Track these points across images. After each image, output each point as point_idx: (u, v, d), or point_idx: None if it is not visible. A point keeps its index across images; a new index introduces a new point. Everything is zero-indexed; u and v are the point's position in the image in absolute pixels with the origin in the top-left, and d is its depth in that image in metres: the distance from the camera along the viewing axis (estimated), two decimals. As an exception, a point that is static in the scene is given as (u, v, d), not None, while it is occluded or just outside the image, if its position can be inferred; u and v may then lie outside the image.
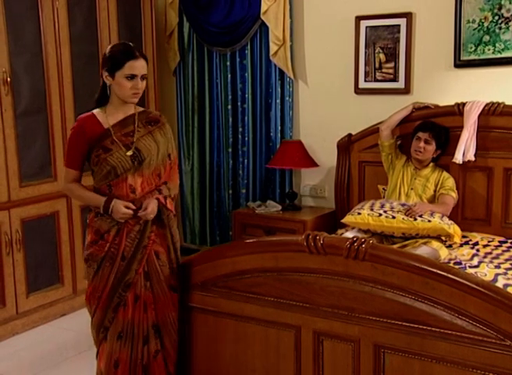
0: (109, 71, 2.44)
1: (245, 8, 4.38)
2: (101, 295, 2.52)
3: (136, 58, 2.42)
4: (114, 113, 2.51)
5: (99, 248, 2.50)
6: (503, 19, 3.60)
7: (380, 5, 4.00)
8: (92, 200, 2.52)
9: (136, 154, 2.48)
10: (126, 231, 2.49)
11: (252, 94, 4.53)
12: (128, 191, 2.49)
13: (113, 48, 2.49)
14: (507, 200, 3.60)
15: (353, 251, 2.20)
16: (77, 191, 2.56)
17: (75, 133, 2.50)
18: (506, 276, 2.88)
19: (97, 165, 2.47)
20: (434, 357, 2.09)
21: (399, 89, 4.00)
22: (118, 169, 2.46)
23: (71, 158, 2.53)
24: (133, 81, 2.42)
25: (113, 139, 2.47)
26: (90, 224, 2.55)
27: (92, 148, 2.47)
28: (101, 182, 2.50)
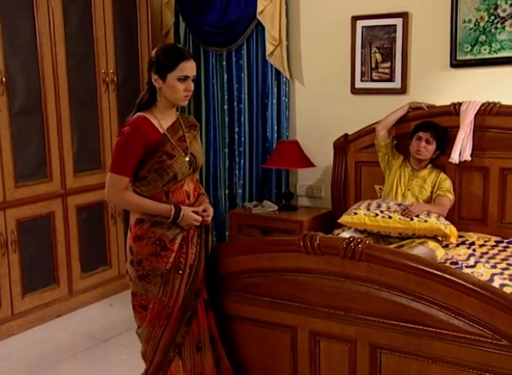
0: (160, 73, 2.33)
1: (241, 7, 4.38)
2: (171, 312, 2.36)
3: (187, 59, 2.34)
4: (163, 118, 2.39)
5: (163, 260, 2.34)
6: (499, 19, 3.60)
7: (376, 5, 4.00)
8: (157, 209, 2.34)
9: (192, 159, 2.40)
10: (190, 238, 2.39)
11: (248, 94, 4.53)
12: (185, 197, 2.41)
13: (162, 50, 2.39)
14: (503, 200, 3.60)
15: (350, 251, 2.20)
16: (136, 200, 2.35)
17: (132, 136, 2.31)
18: (502, 276, 2.88)
19: (157, 171, 2.33)
20: (430, 357, 2.09)
21: (395, 89, 4.00)
22: (179, 175, 2.36)
23: (125, 164, 2.32)
24: (186, 83, 2.33)
25: (173, 144, 2.36)
26: (145, 235, 2.35)
27: (151, 153, 2.32)
28: (158, 189, 2.35)
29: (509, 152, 3.53)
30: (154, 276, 2.34)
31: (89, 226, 4.15)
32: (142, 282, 2.36)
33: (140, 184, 2.36)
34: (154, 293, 2.35)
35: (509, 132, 3.52)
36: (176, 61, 2.31)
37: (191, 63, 2.35)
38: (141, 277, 2.36)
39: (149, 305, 2.37)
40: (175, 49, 2.42)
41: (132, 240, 2.39)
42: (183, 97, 2.35)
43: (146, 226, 2.35)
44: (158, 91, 2.36)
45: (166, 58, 2.33)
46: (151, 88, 2.38)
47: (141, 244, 2.36)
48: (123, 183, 2.34)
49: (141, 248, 2.35)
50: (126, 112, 4.31)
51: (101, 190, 4.11)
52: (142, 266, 2.35)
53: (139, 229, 2.37)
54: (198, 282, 2.40)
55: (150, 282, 2.35)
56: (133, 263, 2.38)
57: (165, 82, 2.32)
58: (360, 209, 3.48)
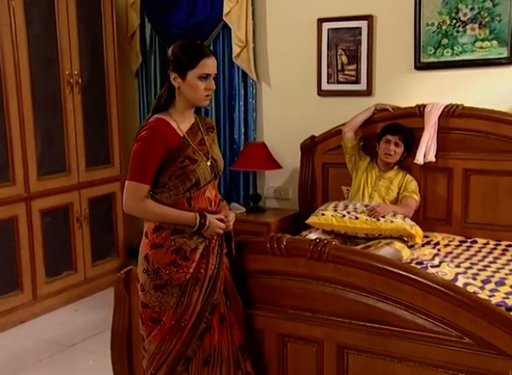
0: (179, 72, 2.17)
1: (207, 9, 4.37)
2: (186, 325, 2.21)
3: (208, 55, 2.19)
4: (181, 120, 2.24)
5: (183, 271, 2.18)
6: (461, 22, 3.66)
7: (341, 7, 4.03)
8: (181, 218, 2.18)
9: (214, 164, 2.27)
10: (212, 247, 2.25)
11: (215, 96, 4.51)
12: (207, 204, 2.26)
13: (181, 46, 2.23)
14: (467, 200, 3.66)
15: (316, 252, 2.20)
16: (159, 209, 2.18)
17: (151, 141, 2.15)
18: (466, 275, 2.92)
19: (179, 177, 2.17)
20: (396, 356, 2.10)
21: (361, 91, 4.04)
22: (202, 181, 2.20)
23: (145, 171, 2.16)
24: (207, 81, 2.18)
25: (194, 148, 2.21)
26: (165, 243, 2.19)
27: (172, 158, 2.17)
28: (180, 195, 2.19)
29: (472, 153, 3.59)
30: (171, 286, 2.18)
31: (54, 230, 4.08)
32: (157, 293, 2.20)
33: (160, 191, 2.20)
34: (169, 304, 2.19)
35: (471, 133, 3.58)
36: (197, 58, 2.16)
37: (212, 60, 2.20)
38: (157, 287, 2.20)
39: (162, 318, 2.21)
40: (195, 45, 2.24)
41: (149, 247, 2.22)
42: (204, 96, 2.20)
43: (166, 233, 2.19)
44: (176, 91, 2.21)
45: (186, 55, 2.17)
46: (169, 88, 2.23)
47: (160, 252, 2.19)
48: (144, 191, 2.17)
49: (159, 257, 2.19)
50: (91, 114, 4.29)
51: (65, 193, 4.12)
52: (159, 276, 2.19)
53: (157, 236, 2.20)
54: (216, 294, 2.23)
55: (167, 293, 2.19)
56: (149, 272, 2.21)
57: (184, 81, 2.17)
58: (327, 210, 3.50)
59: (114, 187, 4.52)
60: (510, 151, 3.49)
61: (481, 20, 3.60)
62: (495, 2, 3.55)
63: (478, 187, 3.62)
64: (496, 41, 3.59)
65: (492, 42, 3.60)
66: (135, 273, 2.62)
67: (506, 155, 3.50)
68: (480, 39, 3.63)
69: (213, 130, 2.38)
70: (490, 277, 2.89)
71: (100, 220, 4.44)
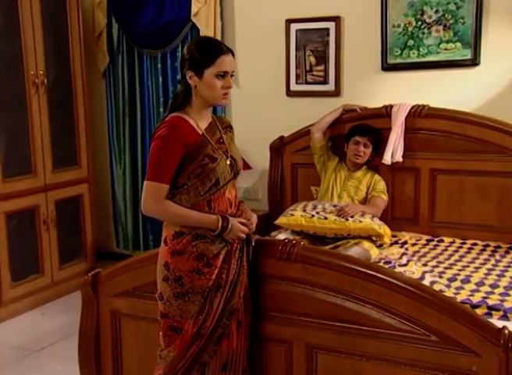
0: (196, 70, 2.11)
1: (175, 9, 4.34)
2: (206, 331, 2.14)
3: (225, 52, 2.12)
4: (199, 118, 2.17)
5: (205, 277, 2.11)
6: (426, 24, 3.72)
7: (309, 8, 4.05)
8: (203, 220, 2.10)
9: (233, 163, 2.20)
10: (233, 252, 2.18)
11: (184, 97, 4.49)
12: (227, 206, 2.19)
13: (197, 43, 2.17)
14: (433, 200, 3.71)
15: (285, 253, 2.21)
16: (180, 210, 2.10)
17: (170, 138, 2.08)
18: (432, 273, 2.96)
19: (199, 176, 2.10)
20: (364, 355, 2.12)
21: (329, 91, 4.06)
22: (221, 180, 2.13)
23: (164, 170, 2.09)
24: (224, 79, 2.11)
25: (213, 146, 2.15)
26: (186, 249, 2.11)
27: (191, 156, 2.10)
28: (200, 197, 2.12)
29: (438, 153, 3.65)
30: (194, 294, 2.11)
31: (19, 233, 4.01)
32: (179, 301, 2.12)
33: (179, 193, 2.11)
34: (191, 312, 2.12)
35: (437, 134, 3.63)
36: (214, 55, 2.10)
37: (230, 57, 2.13)
38: (178, 296, 2.12)
39: (183, 327, 2.14)
40: (211, 42, 2.19)
41: (169, 254, 2.14)
42: (222, 95, 2.13)
43: (187, 239, 2.11)
44: (193, 90, 2.14)
45: (202, 52, 2.11)
46: (185, 87, 2.17)
47: (181, 259, 2.11)
48: (163, 191, 2.09)
49: (181, 264, 2.11)
50: (58, 115, 4.23)
51: (31, 195, 4.05)
52: (181, 284, 2.11)
53: (178, 243, 2.12)
54: (235, 299, 2.17)
55: (188, 300, 2.12)
56: (169, 280, 2.13)
57: (201, 79, 2.10)
58: (296, 211, 3.51)
59: (82, 189, 4.46)
60: (474, 151, 3.55)
61: (446, 22, 3.66)
62: (458, 5, 3.61)
63: (444, 186, 3.68)
64: (460, 42, 3.65)
65: (456, 44, 3.66)
66: (103, 275, 2.61)
67: (471, 155, 3.56)
68: (445, 41, 3.69)
69: (231, 129, 2.33)
70: (456, 275, 2.94)
71: (67, 223, 4.38)
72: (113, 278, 2.59)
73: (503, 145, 3.47)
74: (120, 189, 4.83)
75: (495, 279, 2.87)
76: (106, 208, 4.98)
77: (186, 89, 2.16)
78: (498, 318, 2.42)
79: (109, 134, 4.83)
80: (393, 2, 3.76)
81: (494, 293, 2.68)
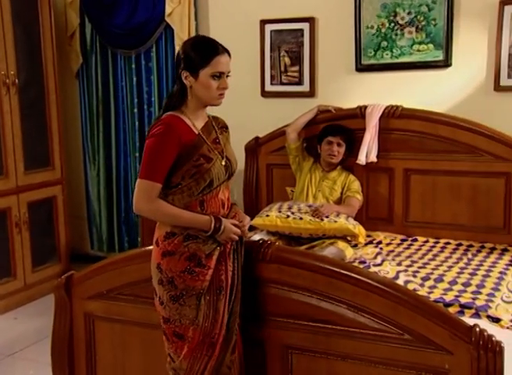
0: (191, 70, 2.08)
1: (149, 9, 4.32)
2: (217, 340, 2.09)
3: (221, 52, 2.10)
4: (195, 118, 2.14)
5: (198, 278, 2.07)
6: (399, 25, 3.75)
7: (284, 9, 4.06)
8: (195, 220, 2.08)
9: (228, 164, 2.17)
10: (228, 253, 2.14)
11: (159, 98, 4.47)
12: (220, 207, 2.16)
13: (192, 43, 2.15)
14: (407, 200, 3.74)
15: (260, 253, 2.21)
16: (172, 210, 2.07)
17: (166, 137, 2.04)
18: (406, 273, 2.99)
19: (193, 177, 2.07)
20: (339, 355, 2.13)
21: (304, 92, 4.07)
22: (215, 181, 2.10)
23: (158, 168, 2.05)
24: (220, 80, 2.09)
25: (209, 146, 2.12)
26: (177, 250, 2.07)
27: (186, 156, 2.07)
28: (193, 197, 2.09)
29: (411, 153, 3.68)
30: (188, 296, 2.07)
31: (-9, 235, 3.95)
32: (175, 304, 2.08)
33: (172, 192, 2.09)
34: (190, 318, 2.07)
35: (410, 134, 3.66)
36: (210, 55, 2.07)
37: (226, 57, 2.11)
38: (174, 299, 2.08)
39: (187, 333, 2.08)
40: (207, 42, 2.15)
41: (160, 256, 2.10)
42: (218, 95, 2.11)
43: (178, 240, 2.08)
44: (188, 90, 2.12)
45: (198, 52, 2.08)
46: (181, 86, 2.13)
47: (172, 259, 2.07)
48: (156, 190, 2.05)
49: (172, 265, 2.07)
50: (30, 116, 4.17)
51: (3, 197, 3.98)
52: (174, 285, 2.07)
53: (169, 244, 2.08)
54: (237, 302, 2.14)
55: (184, 304, 2.07)
56: (163, 282, 2.09)
57: (197, 80, 2.08)
58: (271, 211, 3.51)
59: (55, 191, 4.41)
60: (446, 152, 3.59)
61: (418, 24, 3.70)
62: (430, 7, 3.65)
63: (418, 186, 3.71)
64: (432, 44, 3.69)
65: (429, 45, 3.70)
66: (76, 277, 2.58)
67: (444, 155, 3.60)
68: (417, 42, 3.73)
69: (226, 130, 2.29)
70: (429, 274, 2.96)
71: (40, 225, 4.32)
72: (87, 280, 2.56)
73: (474, 145, 3.52)
74: (94, 190, 4.78)
75: (467, 277, 2.91)
76: (80, 209, 4.93)
77: (182, 89, 2.13)
78: (470, 316, 2.45)
79: (83, 135, 4.78)
80: (367, 4, 3.79)
81: (466, 291, 2.71)
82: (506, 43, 3.50)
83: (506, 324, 2.42)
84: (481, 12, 3.58)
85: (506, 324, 2.42)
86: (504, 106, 3.58)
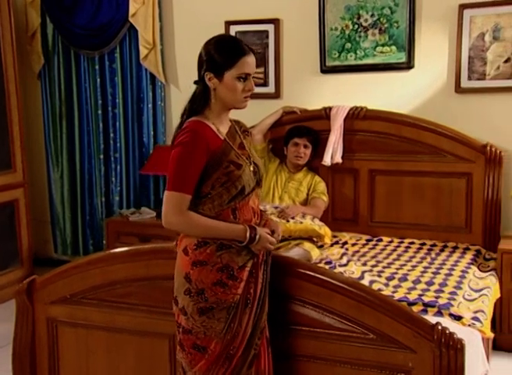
0: (216, 72, 1.97)
1: (112, 10, 4.27)
2: (235, 352, 1.99)
3: (247, 53, 1.97)
4: (219, 123, 2.02)
5: (230, 292, 1.96)
6: (362, 28, 3.79)
7: (249, 10, 4.06)
8: (230, 231, 1.96)
9: (256, 169, 2.06)
10: (259, 264, 2.03)
11: (123, 99, 4.42)
12: (251, 215, 2.04)
13: (217, 44, 2.01)
14: (372, 200, 3.78)
15: (224, 256, 2.20)
16: (205, 221, 1.94)
17: (194, 145, 1.92)
18: (371, 273, 3.02)
19: (224, 185, 1.96)
20: (304, 355, 2.13)
21: (269, 93, 4.08)
22: (246, 188, 1.99)
23: (187, 180, 1.93)
24: (246, 82, 1.98)
25: (237, 152, 2.01)
26: (210, 260, 1.95)
27: (214, 164, 1.95)
28: (225, 206, 1.97)
29: (375, 154, 3.72)
30: (219, 310, 1.95)
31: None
32: (202, 317, 1.96)
33: (202, 203, 1.97)
34: (216, 331, 1.96)
35: (375, 135, 3.71)
36: (236, 56, 1.96)
37: (252, 58, 1.99)
38: (202, 311, 1.95)
39: (209, 346, 1.97)
40: (232, 42, 2.04)
41: (190, 265, 1.97)
42: (243, 98, 2.01)
43: (211, 249, 1.95)
44: (212, 92, 2.00)
45: (223, 53, 1.97)
46: (203, 89, 2.01)
47: (204, 270, 1.95)
48: (186, 201, 1.93)
49: (203, 276, 1.95)
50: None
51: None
52: (204, 297, 1.95)
53: (201, 253, 1.96)
54: (264, 315, 2.03)
55: (213, 317, 1.95)
56: (191, 293, 1.96)
57: (221, 81, 1.97)
58: (237, 213, 3.51)
59: (17, 194, 4.32)
60: (410, 152, 3.64)
61: (381, 26, 3.74)
62: (392, 10, 3.70)
63: (382, 187, 3.76)
64: (395, 46, 3.74)
65: (392, 47, 3.75)
66: (39, 282, 2.53)
67: (407, 156, 3.65)
68: (380, 44, 3.77)
69: (249, 134, 2.18)
70: (394, 274, 3.00)
71: (2, 229, 4.23)
72: (49, 285, 2.52)
73: (437, 146, 3.58)
74: (58, 193, 4.71)
75: (430, 276, 2.95)
76: (43, 212, 4.84)
77: (204, 91, 2.01)
78: (433, 314, 2.49)
79: (46, 137, 4.70)
80: (331, 6, 3.82)
81: (430, 290, 2.75)
82: (466, 46, 3.57)
83: (467, 322, 2.47)
84: (441, 16, 3.64)
85: (467, 322, 2.47)
86: (465, 108, 3.65)
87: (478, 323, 2.50)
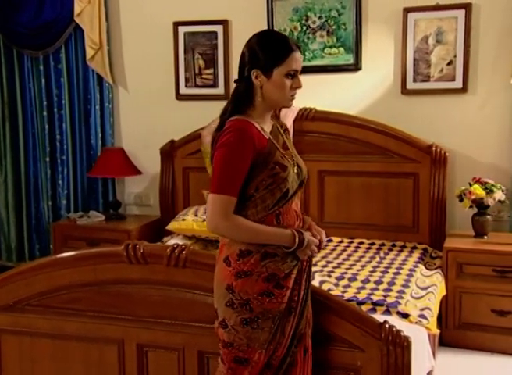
0: (264, 69, 1.88)
1: (57, 8, 4.17)
2: (276, 362, 1.92)
3: (295, 49, 1.91)
4: (262, 122, 1.94)
5: (277, 300, 1.87)
6: (310, 29, 3.82)
7: (197, 11, 4.04)
8: (278, 235, 1.87)
9: (299, 171, 1.97)
10: (304, 270, 1.96)
11: (69, 100, 4.33)
12: (295, 219, 1.96)
13: (264, 40, 1.94)
14: (322, 201, 3.82)
15: (174, 258, 2.19)
16: (252, 225, 1.85)
17: (240, 145, 1.83)
18: (322, 273, 3.04)
19: (268, 187, 1.86)
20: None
21: (219, 95, 4.07)
22: (290, 190, 1.90)
23: (233, 181, 1.84)
24: (294, 79, 1.91)
25: (281, 153, 1.92)
26: (255, 270, 1.86)
27: (259, 165, 1.86)
28: (268, 211, 1.88)
29: (325, 155, 3.76)
30: (264, 320, 1.87)
31: None
32: (246, 328, 1.87)
33: (245, 206, 1.88)
34: (260, 341, 1.88)
35: (324, 136, 3.75)
36: (285, 53, 1.88)
37: (299, 54, 1.92)
38: (246, 322, 1.87)
39: (252, 357, 1.89)
40: (280, 38, 1.95)
41: (233, 276, 1.88)
42: (290, 96, 1.94)
43: (255, 259, 1.86)
44: (257, 90, 1.91)
45: (271, 50, 1.90)
46: (247, 87, 1.93)
47: (249, 281, 1.86)
48: (232, 204, 1.84)
49: (249, 286, 1.86)
50: None
51: None
52: (249, 308, 1.86)
53: (245, 263, 1.87)
54: (303, 323, 1.96)
55: (257, 327, 1.87)
56: (234, 305, 1.87)
57: (270, 79, 1.89)
58: (188, 215, 3.49)
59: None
60: (359, 153, 3.69)
61: (329, 28, 3.79)
62: (340, 12, 3.75)
63: (332, 187, 3.79)
64: (343, 48, 3.79)
65: (340, 49, 3.79)
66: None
67: (356, 157, 3.70)
68: (328, 46, 3.81)
69: (288, 133, 2.12)
70: (344, 274, 3.03)
71: None
72: (-9, 292, 2.44)
73: (384, 147, 3.64)
74: (2, 197, 4.56)
75: (379, 276, 3.00)
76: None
77: (248, 89, 1.93)
78: (381, 313, 2.52)
79: (-12, 139, 4.55)
80: (279, 7, 3.84)
81: (378, 289, 2.79)
82: (410, 48, 3.65)
83: (414, 320, 2.52)
84: (387, 19, 3.71)
85: (414, 320, 2.52)
86: (411, 109, 3.73)
87: (424, 320, 2.55)
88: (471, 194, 3.36)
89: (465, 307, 3.28)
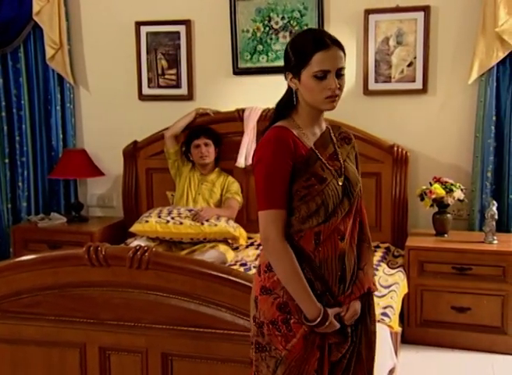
0: (294, 71, 1.76)
1: (15, 7, 4.07)
2: None
3: (326, 47, 1.73)
4: (308, 128, 1.81)
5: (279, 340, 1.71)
6: (273, 30, 3.84)
7: (159, 11, 4.01)
8: (305, 297, 1.69)
9: (346, 184, 1.79)
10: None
11: (29, 101, 4.24)
12: (337, 239, 1.76)
13: (294, 39, 1.82)
14: (286, 200, 3.82)
15: (136, 260, 2.17)
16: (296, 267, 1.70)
17: (279, 155, 1.71)
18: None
19: (302, 199, 1.72)
20: (220, 358, 2.13)
21: (182, 95, 4.05)
22: (330, 204, 1.73)
23: (278, 193, 1.71)
24: (325, 80, 1.73)
25: (323, 163, 1.77)
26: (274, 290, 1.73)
27: (296, 174, 1.72)
28: (306, 224, 1.72)
29: (288, 155, 3.76)
30: (269, 355, 1.71)
31: None
32: (257, 354, 1.74)
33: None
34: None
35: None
36: (308, 53, 1.73)
37: (333, 52, 1.74)
38: (258, 347, 1.74)
39: None
40: (311, 35, 1.79)
41: (259, 289, 1.76)
42: (324, 99, 1.75)
43: (278, 278, 1.73)
44: (296, 93, 1.80)
45: (295, 51, 1.77)
46: (289, 90, 1.83)
47: (268, 301, 1.72)
48: (283, 218, 1.71)
49: (266, 308, 1.72)
50: None
51: None
52: (262, 333, 1.73)
53: (269, 278, 1.74)
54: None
55: (263, 360, 1.72)
56: (255, 321, 1.76)
57: (300, 82, 1.76)
58: (151, 217, 3.46)
59: None
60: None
61: (292, 29, 3.80)
62: (302, 13, 3.77)
63: (296, 187, 3.80)
64: (306, 49, 3.80)
65: (302, 50, 3.81)
66: None
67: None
68: (291, 47, 3.82)
69: (350, 142, 1.91)
70: (308, 273, 3.04)
71: None
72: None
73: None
74: (-40, 200, 4.44)
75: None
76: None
77: (288, 93, 1.84)
78: (345, 311, 2.53)
79: None
80: (242, 8, 3.84)
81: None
82: (372, 49, 3.69)
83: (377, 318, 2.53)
84: (348, 20, 3.74)
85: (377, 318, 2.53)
86: (373, 109, 3.77)
87: (386, 318, 2.58)
88: (432, 194, 3.42)
89: (426, 304, 3.34)
